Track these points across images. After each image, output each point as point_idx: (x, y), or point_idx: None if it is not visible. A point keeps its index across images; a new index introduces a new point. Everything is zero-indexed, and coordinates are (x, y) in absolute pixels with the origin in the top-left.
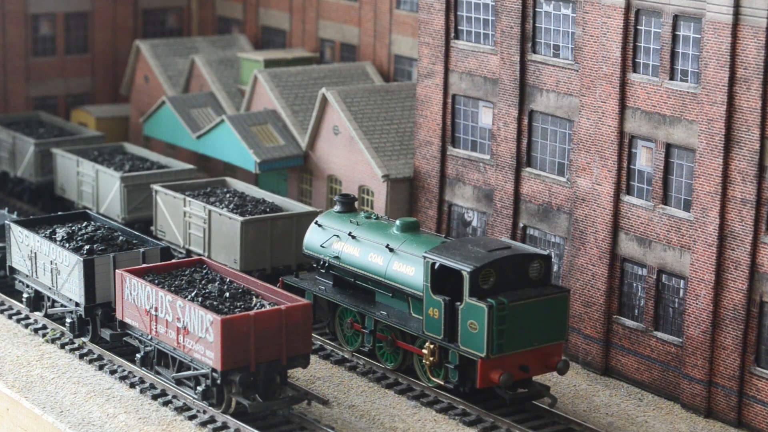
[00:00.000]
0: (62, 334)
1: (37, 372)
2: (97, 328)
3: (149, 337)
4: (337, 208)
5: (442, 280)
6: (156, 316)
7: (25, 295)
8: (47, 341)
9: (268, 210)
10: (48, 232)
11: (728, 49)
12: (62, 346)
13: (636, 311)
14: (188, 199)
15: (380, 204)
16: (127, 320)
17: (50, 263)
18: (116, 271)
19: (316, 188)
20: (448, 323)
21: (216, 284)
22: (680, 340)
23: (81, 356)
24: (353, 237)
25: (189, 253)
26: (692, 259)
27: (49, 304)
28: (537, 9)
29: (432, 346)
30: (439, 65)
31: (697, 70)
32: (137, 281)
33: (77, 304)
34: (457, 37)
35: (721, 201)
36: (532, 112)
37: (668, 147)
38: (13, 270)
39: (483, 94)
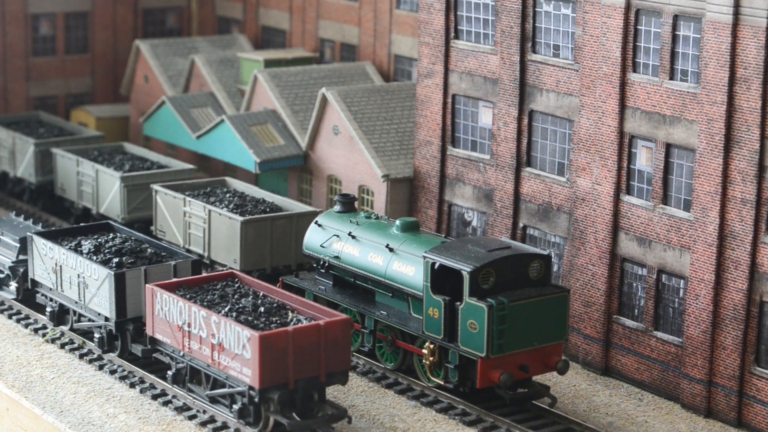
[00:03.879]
0: (62, 333)
1: (37, 372)
2: (128, 343)
3: (181, 353)
4: (337, 208)
5: (442, 280)
6: (189, 332)
7: (48, 309)
8: (47, 341)
9: (268, 210)
10: (73, 244)
11: (728, 49)
12: (62, 346)
13: (636, 311)
14: (188, 199)
15: (380, 204)
16: (158, 336)
17: (77, 277)
18: (146, 286)
19: (316, 188)
20: (448, 323)
21: (249, 299)
22: (680, 340)
23: (81, 356)
24: (353, 237)
25: (188, 253)
26: (692, 259)
27: (75, 318)
28: (537, 9)
29: (432, 346)
30: (439, 65)
31: (697, 70)
32: (169, 296)
33: (107, 319)
34: (457, 37)
35: (721, 201)
36: (532, 112)
37: (668, 147)
38: (35, 283)
39: (483, 93)
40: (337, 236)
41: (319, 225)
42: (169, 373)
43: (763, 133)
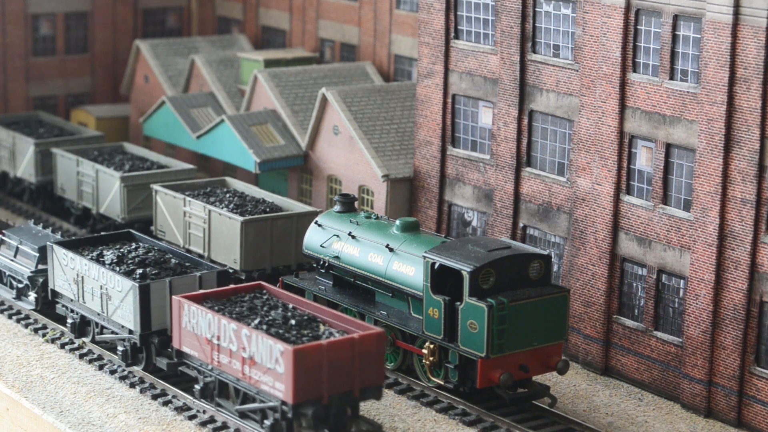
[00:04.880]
0: (62, 333)
1: (37, 372)
2: (152, 356)
3: (210, 367)
4: (337, 208)
5: (442, 280)
6: (218, 345)
7: (69, 321)
8: (47, 341)
9: (268, 210)
10: (95, 254)
11: (728, 49)
12: (62, 346)
13: (636, 311)
14: (188, 199)
15: (380, 204)
16: (185, 349)
17: (99, 288)
18: (173, 297)
19: (316, 188)
20: (448, 323)
21: (279, 311)
22: (680, 340)
23: (81, 356)
24: (353, 237)
25: (188, 253)
26: (692, 259)
27: (97, 330)
28: (537, 9)
29: (432, 346)
30: (439, 65)
31: (697, 70)
32: (197, 308)
33: (131, 332)
34: (457, 37)
35: (721, 201)
36: (532, 112)
37: (668, 147)
38: (55, 293)
39: (483, 93)
40: (337, 236)
41: (319, 225)
42: (197, 387)
43: (763, 133)
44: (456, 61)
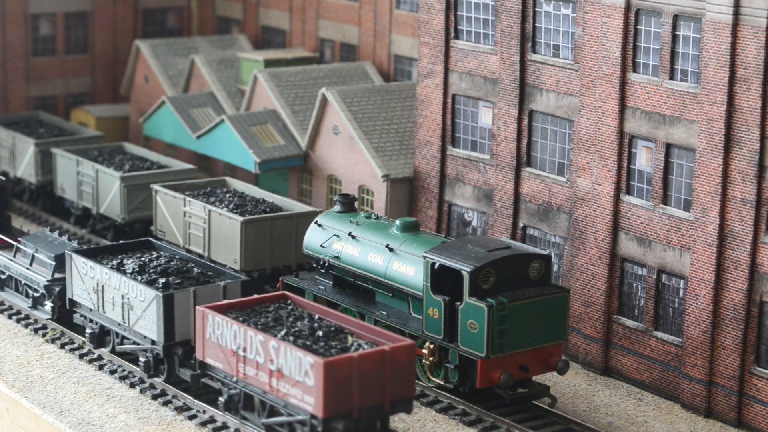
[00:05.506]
0: (62, 333)
1: (37, 372)
2: (175, 367)
3: (234, 379)
4: (337, 208)
5: (442, 280)
6: (244, 357)
7: (88, 331)
8: (47, 341)
9: (268, 210)
10: (115, 263)
11: (728, 49)
12: (62, 346)
13: (636, 311)
14: (188, 199)
15: (380, 204)
16: (209, 361)
17: (121, 298)
18: (197, 308)
19: (316, 188)
20: (448, 323)
21: (305, 321)
22: (680, 340)
23: (81, 356)
24: (353, 237)
25: (188, 253)
26: (692, 259)
27: (117, 340)
28: (537, 9)
29: (432, 346)
30: (439, 65)
31: (697, 70)
32: (222, 319)
33: (153, 342)
34: (457, 37)
35: (721, 201)
36: (532, 112)
37: (668, 147)
38: (73, 303)
39: (483, 93)
40: (337, 236)
41: (319, 225)
42: (221, 399)
43: (763, 133)
44: (456, 61)
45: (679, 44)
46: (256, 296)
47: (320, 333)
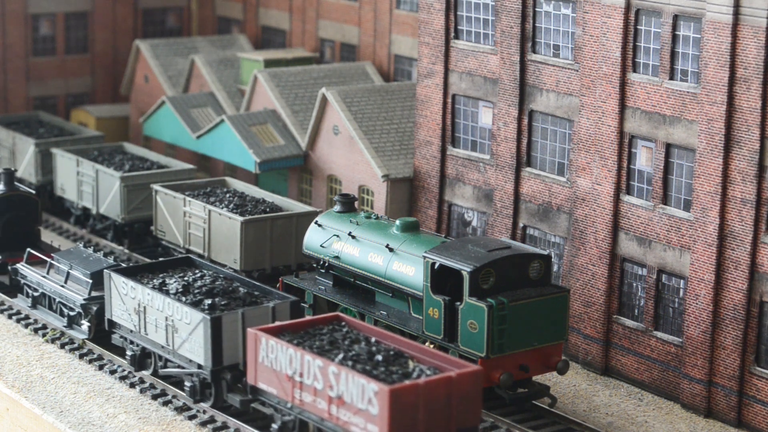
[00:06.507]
0: (62, 333)
1: (37, 372)
2: (223, 392)
3: (289, 405)
4: (337, 208)
5: (442, 280)
6: (301, 382)
7: (128, 353)
8: (47, 341)
9: (268, 210)
10: (157, 282)
11: (728, 49)
12: (62, 346)
13: (636, 311)
14: (188, 199)
15: (380, 204)
16: (262, 386)
17: (164, 319)
18: (249, 330)
19: (316, 188)
20: (448, 323)
21: (362, 345)
22: (680, 340)
23: (81, 356)
24: (353, 237)
25: (188, 253)
26: (692, 259)
27: (160, 363)
28: (537, 9)
29: (432, 346)
30: (439, 65)
31: (697, 70)
32: (275, 342)
33: (200, 366)
34: (457, 37)
35: (721, 201)
36: (532, 112)
37: (668, 147)
38: (112, 323)
39: (483, 93)
40: (337, 236)
41: (319, 225)
42: (274, 426)
43: (763, 133)
44: (456, 61)
45: (679, 44)
46: (309, 317)
47: (379, 357)
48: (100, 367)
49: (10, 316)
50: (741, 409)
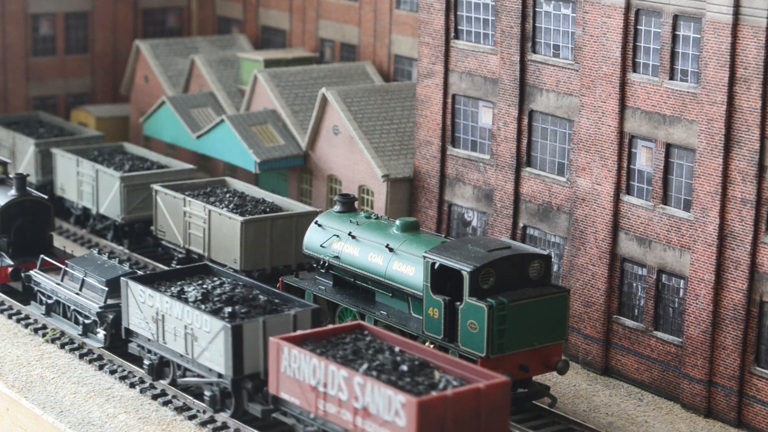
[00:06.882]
0: (62, 333)
1: (37, 372)
2: (243, 402)
3: (312, 416)
4: (337, 208)
5: (442, 280)
6: (324, 393)
7: (146, 362)
8: (47, 341)
9: (268, 210)
10: (176, 290)
11: (728, 49)
12: (62, 346)
13: (636, 311)
14: (188, 199)
15: (380, 204)
16: (284, 395)
17: (183, 328)
18: (271, 339)
19: (316, 188)
20: (448, 323)
21: (386, 354)
22: (680, 340)
23: (81, 356)
24: (353, 237)
25: (189, 253)
26: (692, 259)
27: (179, 372)
28: (537, 9)
29: (432, 346)
30: (439, 65)
31: (697, 70)
32: (299, 352)
33: (220, 375)
34: (457, 37)
35: (721, 201)
36: (532, 112)
37: (668, 147)
38: (129, 332)
39: (483, 93)
40: (337, 236)
41: (319, 225)
42: None
43: (763, 133)
44: (456, 61)
45: (679, 44)
46: (331, 326)
47: (404, 368)
48: (100, 367)
49: (10, 316)
50: (741, 409)
